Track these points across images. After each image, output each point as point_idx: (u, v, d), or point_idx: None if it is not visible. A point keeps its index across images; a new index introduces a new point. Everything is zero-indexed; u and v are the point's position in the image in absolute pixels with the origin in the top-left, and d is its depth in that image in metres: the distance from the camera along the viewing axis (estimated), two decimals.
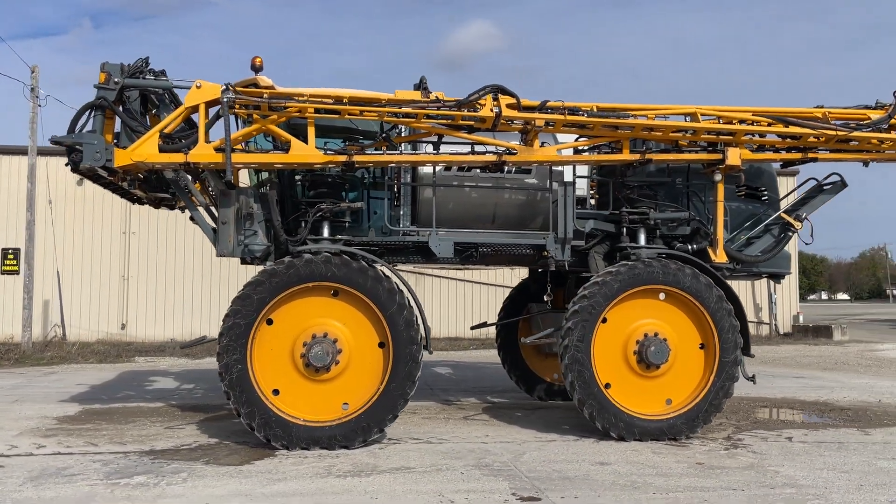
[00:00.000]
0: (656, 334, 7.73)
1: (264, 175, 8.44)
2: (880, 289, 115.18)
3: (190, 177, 8.25)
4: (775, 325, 25.09)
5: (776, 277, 9.44)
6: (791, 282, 25.02)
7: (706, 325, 7.79)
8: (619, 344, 7.76)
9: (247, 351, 6.99)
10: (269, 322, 7.15)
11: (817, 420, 9.06)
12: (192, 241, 21.43)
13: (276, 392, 7.09)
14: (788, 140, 8.12)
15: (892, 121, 8.18)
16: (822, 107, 8.29)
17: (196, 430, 8.06)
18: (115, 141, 7.37)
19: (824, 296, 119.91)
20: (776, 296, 25.20)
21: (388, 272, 7.53)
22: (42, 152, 18.83)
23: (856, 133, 8.04)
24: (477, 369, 14.46)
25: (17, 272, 20.67)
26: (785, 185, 13.23)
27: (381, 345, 7.28)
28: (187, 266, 21.55)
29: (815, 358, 17.57)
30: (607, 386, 7.63)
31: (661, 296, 7.81)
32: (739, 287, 18.69)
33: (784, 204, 9.26)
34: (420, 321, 7.32)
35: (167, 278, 21.48)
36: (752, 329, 8.76)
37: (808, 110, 8.21)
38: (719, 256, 8.17)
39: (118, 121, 7.44)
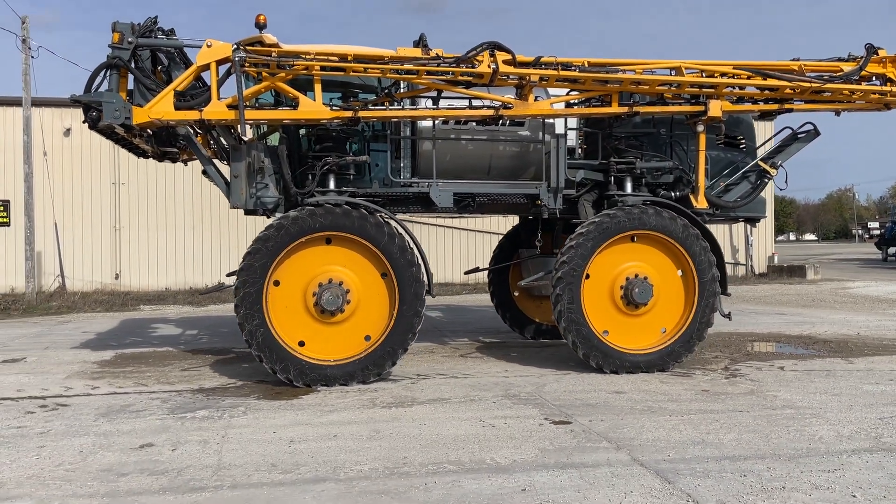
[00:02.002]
0: (637, 275, 8.30)
1: (262, 129, 8.79)
2: (846, 229, 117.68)
3: (192, 132, 8.61)
4: (751, 265, 25.97)
5: (752, 221, 10.03)
6: (766, 224, 25.84)
7: (679, 254, 8.38)
8: (606, 292, 8.32)
9: (264, 315, 7.41)
10: (277, 283, 7.56)
11: (804, 351, 9.74)
12: (181, 192, 21.70)
13: (301, 343, 7.57)
14: (766, 92, 8.60)
15: (863, 73, 8.69)
16: (797, 59, 8.76)
17: (234, 372, 8.52)
18: (129, 98, 7.70)
19: (792, 237, 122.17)
20: (752, 238, 26.03)
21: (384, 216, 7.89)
22: (35, 103, 18.83)
23: (829, 85, 8.53)
24: (471, 312, 15.08)
25: (7, 224, 20.89)
26: (762, 131, 13.74)
27: (384, 275, 7.75)
28: (178, 216, 21.83)
29: (792, 296, 18.41)
30: (605, 333, 8.20)
31: (633, 239, 8.38)
32: (717, 230, 19.33)
33: (761, 152, 9.79)
34: (421, 260, 7.78)
35: (158, 228, 21.78)
36: (729, 270, 9.32)
37: (784, 63, 8.67)
38: (700, 202, 8.73)
39: (130, 79, 7.75)
